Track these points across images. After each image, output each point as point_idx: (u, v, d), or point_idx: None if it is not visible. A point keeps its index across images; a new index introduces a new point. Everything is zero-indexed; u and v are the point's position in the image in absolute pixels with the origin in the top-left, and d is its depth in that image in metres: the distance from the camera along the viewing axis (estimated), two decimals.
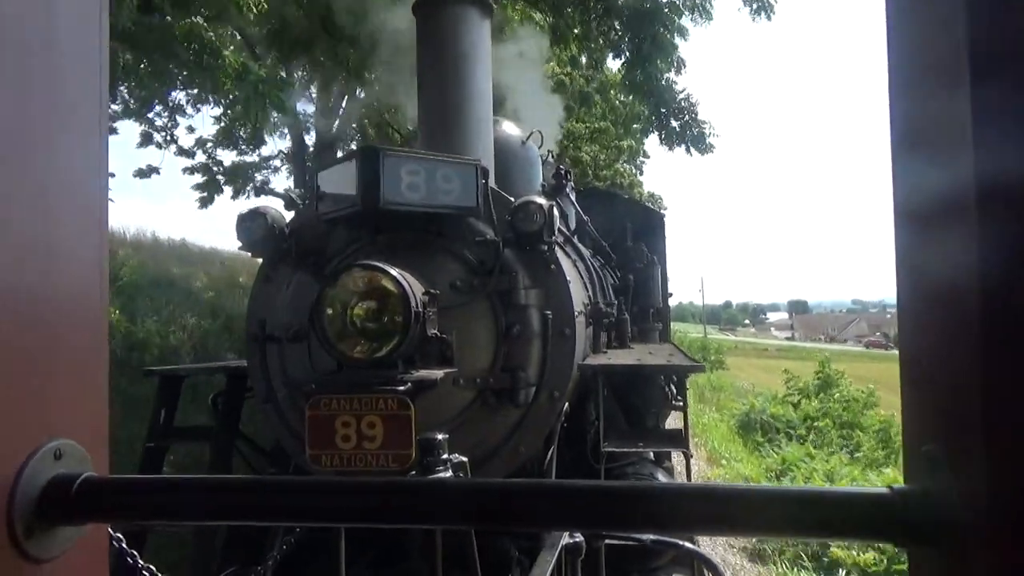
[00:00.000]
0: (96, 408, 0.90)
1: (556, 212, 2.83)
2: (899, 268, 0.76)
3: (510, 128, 4.57)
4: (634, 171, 27.88)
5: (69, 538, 0.81)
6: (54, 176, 0.83)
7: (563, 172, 3.57)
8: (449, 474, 2.15)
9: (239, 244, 2.97)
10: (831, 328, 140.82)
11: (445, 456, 2.19)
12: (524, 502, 0.81)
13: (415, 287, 2.46)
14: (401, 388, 2.37)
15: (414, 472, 2.21)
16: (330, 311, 2.46)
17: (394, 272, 2.41)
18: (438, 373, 2.53)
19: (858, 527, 0.74)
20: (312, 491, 0.86)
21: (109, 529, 2.46)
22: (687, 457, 3.00)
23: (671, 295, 9.05)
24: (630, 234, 7.48)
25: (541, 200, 2.79)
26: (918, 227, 0.74)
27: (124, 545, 2.39)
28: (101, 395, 0.91)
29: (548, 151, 5.34)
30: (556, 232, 2.85)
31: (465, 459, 2.32)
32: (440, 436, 2.18)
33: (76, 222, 0.87)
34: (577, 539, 2.66)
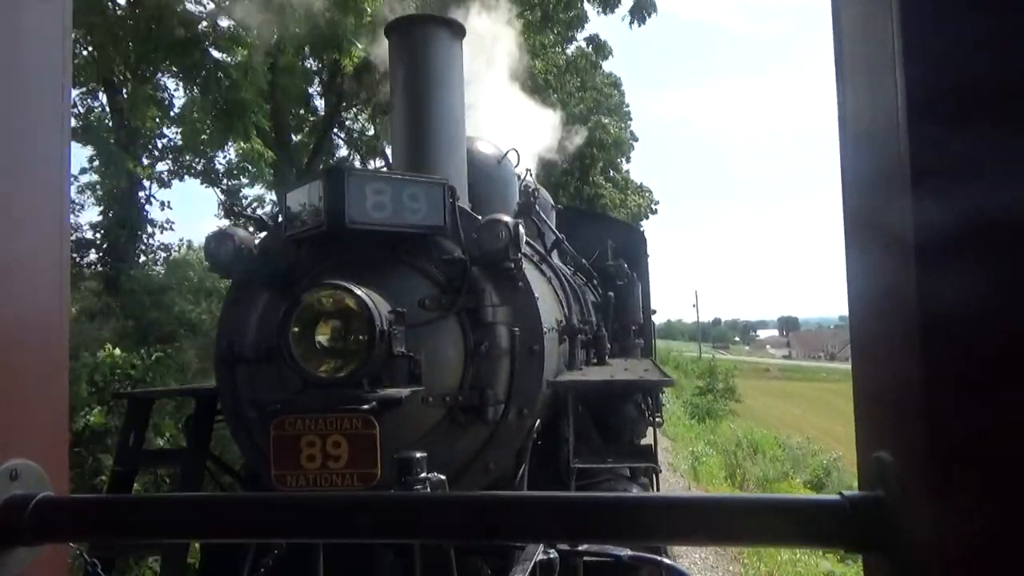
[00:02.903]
0: (56, 428, 0.90)
1: (522, 230, 2.85)
2: (850, 290, 0.80)
3: (485, 147, 4.61)
4: (621, 126, 24.50)
5: (24, 559, 0.81)
6: (14, 194, 0.83)
7: (532, 190, 3.61)
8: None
9: (208, 265, 2.97)
10: (830, 345, 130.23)
11: (424, 475, 2.19)
12: (500, 514, 0.81)
13: (380, 306, 2.47)
14: (365, 407, 2.37)
15: (392, 491, 2.20)
16: (295, 330, 2.46)
17: (358, 291, 2.41)
18: (404, 391, 2.53)
19: (810, 534, 0.75)
20: (263, 508, 0.86)
21: (86, 555, 2.42)
22: (656, 472, 3.00)
23: (655, 312, 9.10)
24: (611, 252, 7.53)
25: (506, 218, 2.82)
26: (865, 258, 0.77)
27: (100, 570, 2.36)
28: (61, 415, 0.91)
29: (527, 169, 5.39)
30: (522, 249, 2.87)
31: (443, 477, 2.31)
32: (419, 454, 2.18)
33: (36, 240, 0.87)
34: (551, 555, 2.64)
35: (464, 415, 2.83)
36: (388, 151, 19.04)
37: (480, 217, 2.96)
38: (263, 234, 3.15)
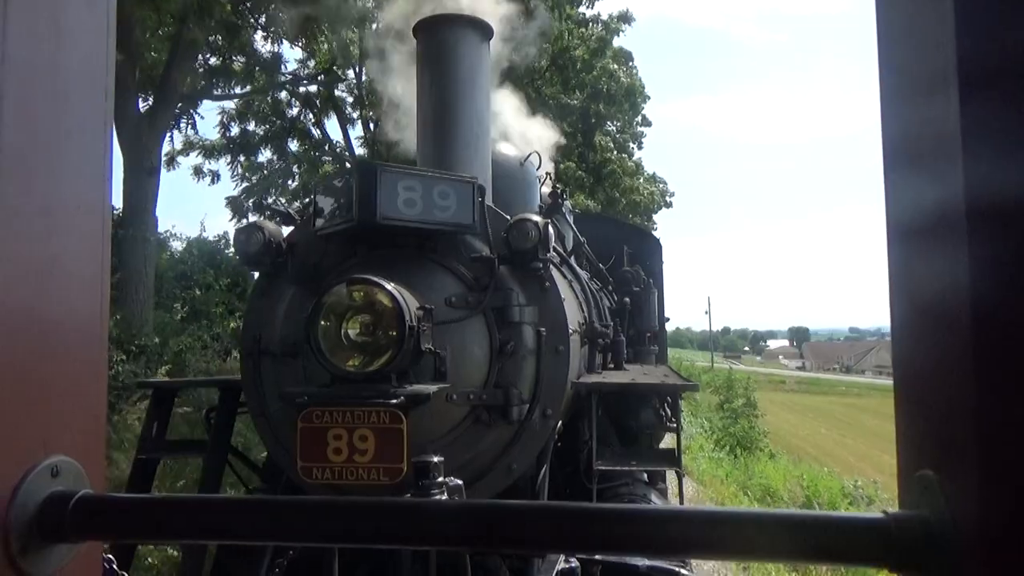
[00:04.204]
0: (94, 425, 0.90)
1: (551, 230, 2.86)
2: (892, 293, 0.77)
3: (508, 149, 4.62)
4: (632, 72, 21.68)
5: (64, 555, 0.81)
6: (56, 195, 0.84)
7: (559, 191, 3.61)
8: (444, 497, 2.14)
9: (237, 258, 3.00)
10: (846, 357, 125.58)
11: (441, 479, 2.19)
12: (518, 524, 0.80)
13: (409, 302, 2.48)
14: (393, 402, 2.37)
15: (409, 494, 2.20)
16: (324, 324, 2.47)
17: (389, 286, 2.42)
18: (431, 388, 2.53)
19: (853, 552, 0.73)
20: (308, 511, 0.86)
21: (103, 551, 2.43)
22: (679, 476, 2.99)
23: (668, 319, 9.08)
24: (627, 258, 7.52)
25: (536, 218, 2.82)
26: (911, 248, 0.74)
27: (115, 567, 2.37)
28: (99, 412, 0.91)
29: (547, 172, 5.39)
30: (551, 250, 2.87)
31: (460, 482, 2.31)
32: (436, 459, 2.18)
33: (77, 240, 0.88)
34: (572, 564, 2.64)
35: (488, 414, 2.83)
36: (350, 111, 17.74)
37: (508, 217, 2.96)
38: (291, 228, 3.16)
